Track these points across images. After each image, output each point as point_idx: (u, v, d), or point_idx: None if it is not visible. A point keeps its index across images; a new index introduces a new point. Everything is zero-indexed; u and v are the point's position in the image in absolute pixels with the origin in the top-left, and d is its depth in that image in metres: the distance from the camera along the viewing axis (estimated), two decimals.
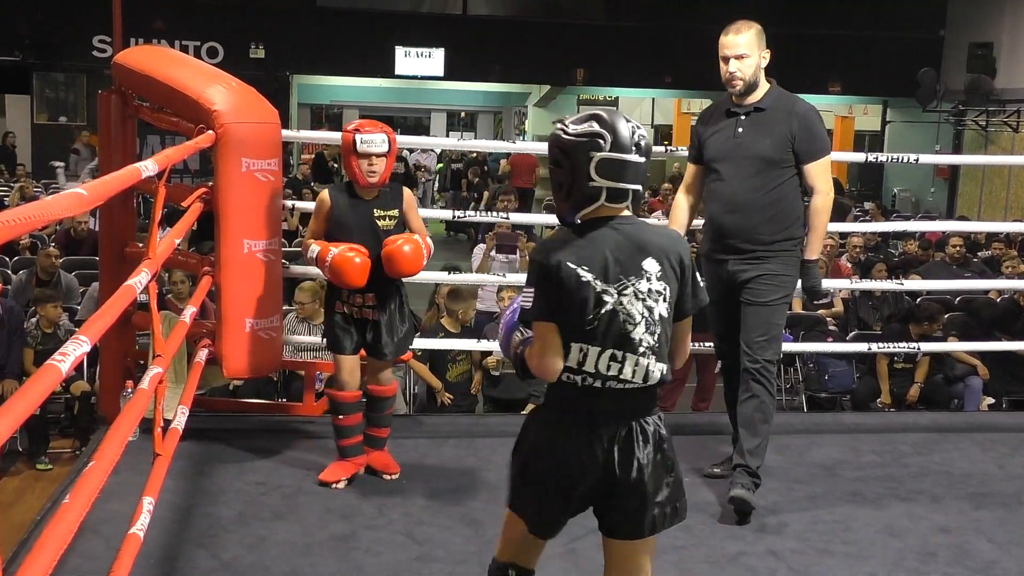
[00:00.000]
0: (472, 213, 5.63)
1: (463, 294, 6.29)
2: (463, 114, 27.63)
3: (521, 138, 22.55)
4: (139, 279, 2.72)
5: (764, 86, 3.94)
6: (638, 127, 2.37)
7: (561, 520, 2.45)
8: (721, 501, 3.98)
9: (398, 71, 18.51)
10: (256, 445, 4.51)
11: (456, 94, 24.16)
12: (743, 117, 3.94)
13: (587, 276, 2.31)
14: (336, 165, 19.37)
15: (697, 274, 2.44)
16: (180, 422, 3.62)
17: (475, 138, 25.09)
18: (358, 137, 3.83)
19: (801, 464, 4.54)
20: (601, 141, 2.33)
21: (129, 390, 3.91)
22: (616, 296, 2.32)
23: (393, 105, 25.28)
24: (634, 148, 2.34)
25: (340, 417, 4.09)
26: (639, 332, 2.33)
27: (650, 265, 2.34)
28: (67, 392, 6.86)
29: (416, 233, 3.98)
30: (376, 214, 3.91)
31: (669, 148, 5.44)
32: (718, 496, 4.06)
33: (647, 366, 2.34)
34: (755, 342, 3.92)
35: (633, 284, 2.33)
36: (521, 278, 5.84)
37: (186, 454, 4.20)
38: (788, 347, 5.48)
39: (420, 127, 26.12)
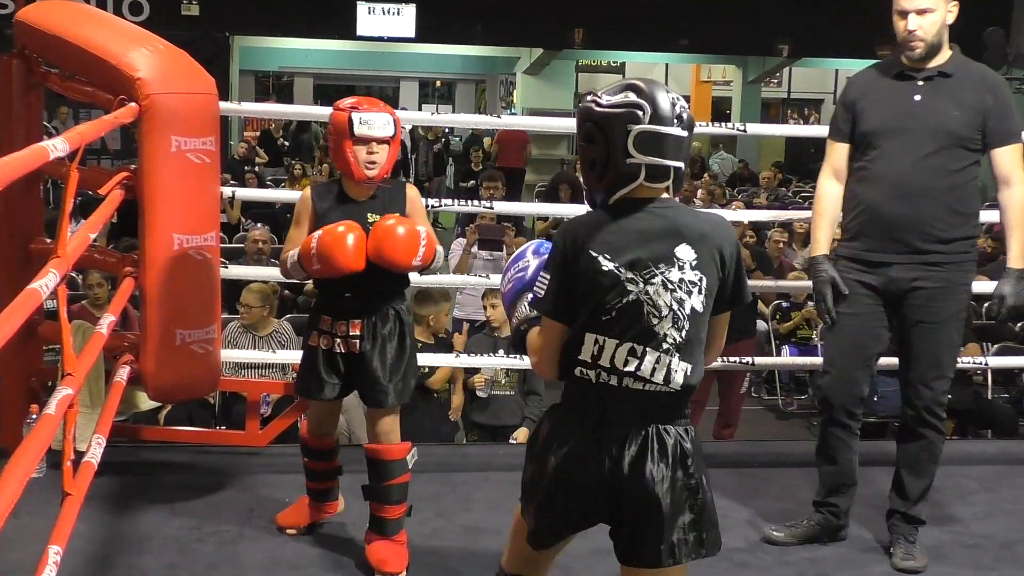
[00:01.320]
0: (448, 201, 5.60)
1: (433, 296, 6.26)
2: (438, 83, 27.67)
3: (508, 112, 22.58)
4: (46, 282, 2.70)
5: (947, 50, 3.86)
6: (678, 98, 2.46)
7: (559, 531, 2.57)
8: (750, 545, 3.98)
9: (360, 31, 18.50)
10: (189, 482, 4.49)
11: (430, 59, 24.16)
12: (922, 83, 3.84)
13: (608, 265, 2.41)
14: (286, 144, 19.40)
15: (743, 267, 2.53)
16: (95, 454, 3.60)
17: (453, 111, 25.16)
18: (355, 116, 3.63)
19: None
20: (640, 112, 2.42)
21: (33, 416, 3.89)
22: (642, 285, 2.41)
23: (354, 72, 25.31)
24: (676, 120, 2.44)
25: (306, 459, 4.06)
26: (665, 326, 2.42)
27: (684, 252, 2.43)
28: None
29: None
30: (371, 219, 3.69)
31: None
32: (748, 543, 4.06)
33: (669, 364, 2.43)
34: (926, 377, 3.88)
35: (662, 273, 2.42)
36: None
37: (103, 493, 4.18)
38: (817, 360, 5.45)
39: (386, 99, 26.09)
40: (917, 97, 3.82)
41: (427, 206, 5.37)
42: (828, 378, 4.02)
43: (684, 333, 2.43)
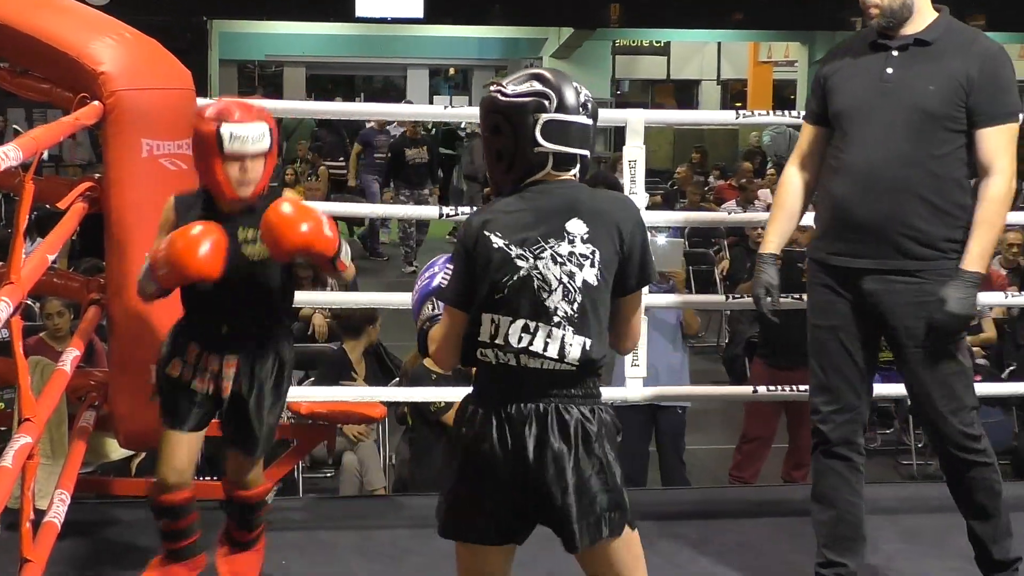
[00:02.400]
0: (466, 209, 5.59)
1: None
2: (452, 71, 27.76)
3: None
4: None
5: (929, 13, 3.79)
6: (580, 87, 2.82)
7: (473, 519, 2.84)
8: None
9: (359, 13, 18.63)
10: None
11: (441, 43, 24.29)
12: (895, 53, 3.76)
13: (499, 243, 2.77)
14: (283, 143, 19.42)
15: (648, 244, 2.87)
16: (58, 513, 3.61)
17: (470, 104, 25.20)
18: (224, 130, 3.59)
19: (941, 556, 4.47)
20: (546, 102, 2.77)
21: None
22: (532, 260, 2.77)
23: (354, 60, 25.46)
24: (581, 109, 2.79)
25: (167, 522, 3.93)
26: (555, 299, 2.76)
27: (575, 226, 2.77)
28: None
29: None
30: (241, 236, 3.71)
31: (743, 112, 5.33)
32: None
33: (563, 338, 2.76)
34: (941, 410, 3.77)
35: (551, 247, 2.77)
36: None
37: (67, 557, 4.18)
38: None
39: (392, 90, 26.27)
40: (889, 70, 3.75)
41: (442, 215, 5.39)
42: (819, 402, 3.95)
43: (576, 306, 2.76)
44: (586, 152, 2.82)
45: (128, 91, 4.13)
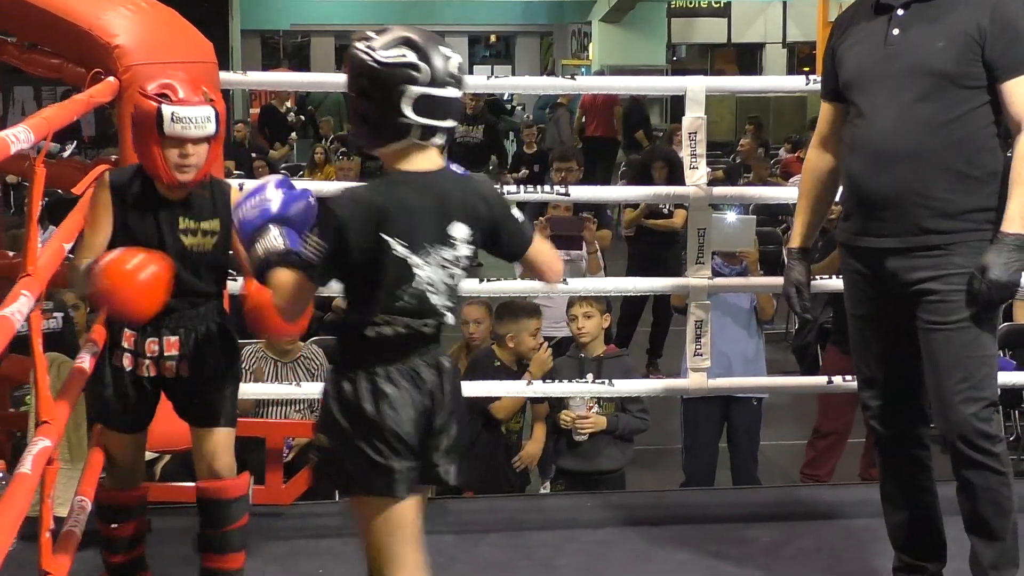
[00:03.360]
0: (512, 188, 5.60)
1: (513, 310, 6.16)
2: (493, 38, 27.72)
3: (582, 73, 22.57)
4: (16, 308, 2.73)
5: None
6: (451, 53, 2.99)
7: (390, 469, 3.02)
8: None
9: None
10: (191, 551, 4.52)
11: (481, 8, 24.30)
12: (900, 12, 3.74)
13: (401, 250, 2.98)
14: (301, 118, 19.42)
15: (512, 208, 3.20)
16: (79, 521, 3.63)
17: (512, 73, 25.16)
18: (166, 111, 3.62)
19: None
20: (416, 74, 2.94)
21: (1, 474, 3.93)
22: (424, 266, 3.01)
23: (387, 28, 25.36)
24: (451, 80, 2.98)
25: (113, 526, 3.97)
26: (442, 300, 3.06)
27: (458, 231, 3.06)
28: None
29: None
30: (182, 226, 3.78)
31: (812, 77, 5.32)
32: None
33: (443, 319, 3.10)
34: (954, 395, 3.67)
35: (439, 252, 3.03)
36: (589, 284, 5.83)
37: (88, 570, 4.22)
38: (1009, 377, 5.38)
39: None
40: (895, 32, 3.72)
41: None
42: (868, 396, 3.95)
43: (452, 298, 3.09)
44: (452, 124, 3.04)
45: (145, 65, 4.14)
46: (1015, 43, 3.63)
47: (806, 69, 23.15)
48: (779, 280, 4.27)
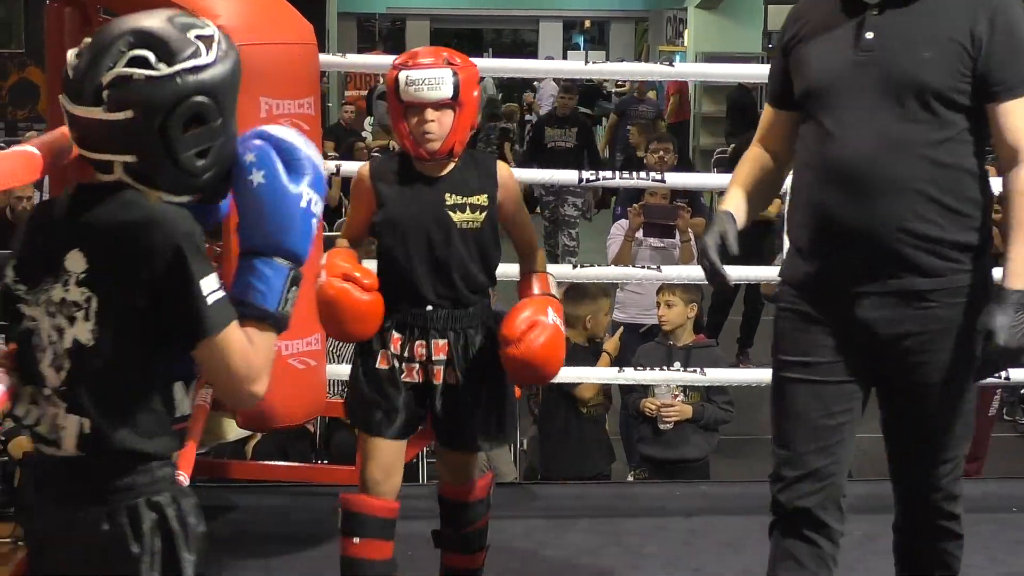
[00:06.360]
0: (608, 174, 5.55)
1: (589, 292, 6.20)
2: (587, 23, 27.65)
3: (677, 59, 22.42)
4: None
5: None
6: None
7: None
8: None
9: None
10: (286, 532, 4.51)
11: None
12: (876, 13, 3.10)
13: (10, 275, 2.30)
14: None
15: (193, 277, 2.19)
16: None
17: (607, 59, 25.08)
18: (401, 76, 3.55)
19: None
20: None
21: None
22: (33, 306, 2.27)
23: (481, 13, 25.50)
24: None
25: (355, 541, 3.67)
26: (44, 364, 2.25)
27: (74, 262, 2.23)
28: (2, 453, 6.98)
29: (528, 256, 3.79)
30: (448, 201, 3.63)
31: None
32: None
33: (55, 418, 2.24)
34: (930, 464, 3.22)
35: (48, 290, 2.25)
36: (682, 272, 5.78)
37: None
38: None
39: (523, 45, 26.22)
40: (869, 35, 3.10)
41: (582, 180, 5.33)
42: (779, 462, 3.27)
43: (65, 374, 2.23)
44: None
45: (246, 46, 4.09)
46: (1018, 56, 3.05)
47: None
48: None
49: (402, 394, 3.66)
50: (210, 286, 2.18)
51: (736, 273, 5.81)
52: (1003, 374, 5.18)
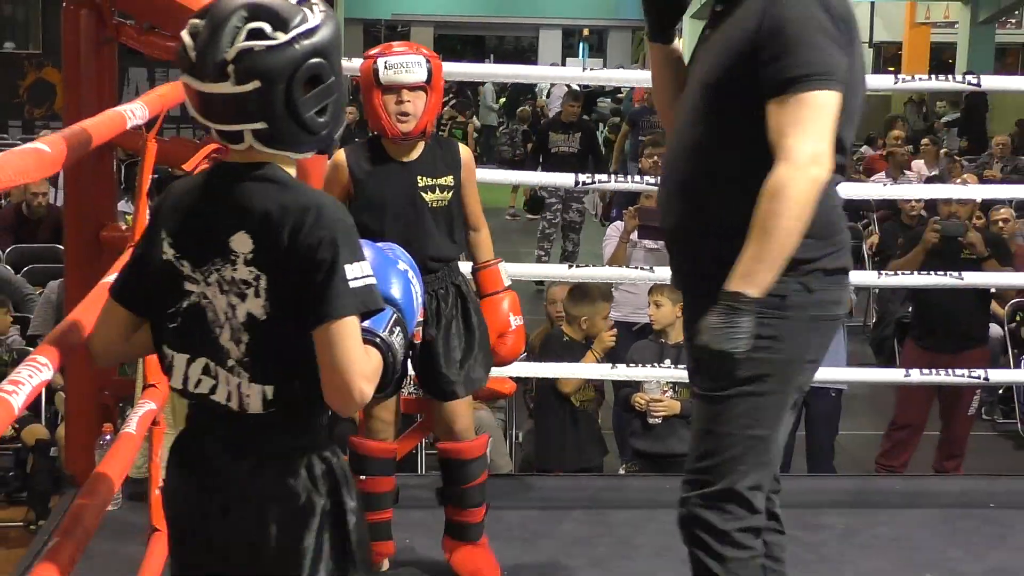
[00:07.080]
0: (603, 177, 5.61)
1: (591, 294, 6.24)
2: (586, 31, 27.66)
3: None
4: None
5: None
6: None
7: None
8: None
9: None
10: None
11: (576, 1, 24.19)
12: (718, 8, 3.07)
13: (168, 252, 2.42)
14: None
15: (339, 264, 2.32)
16: None
17: (604, 66, 25.07)
18: (380, 61, 3.84)
19: None
20: None
21: (108, 437, 3.97)
22: (202, 283, 2.40)
23: (483, 20, 25.48)
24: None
25: (362, 478, 3.91)
26: (225, 338, 2.39)
27: (240, 243, 2.36)
28: (16, 440, 7.00)
29: (477, 226, 4.11)
30: (420, 183, 3.93)
31: (902, 77, 5.28)
32: None
33: (239, 387, 2.39)
34: (692, 466, 3.03)
35: (218, 269, 2.38)
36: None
37: None
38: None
39: (524, 52, 26.22)
40: (705, 31, 3.10)
41: (578, 183, 5.39)
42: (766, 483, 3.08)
43: (244, 347, 2.38)
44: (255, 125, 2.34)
45: None
46: (789, 53, 2.82)
47: (891, 69, 22.92)
48: (860, 274, 4.25)
49: None
50: (354, 272, 2.31)
51: None
52: (979, 373, 5.26)
